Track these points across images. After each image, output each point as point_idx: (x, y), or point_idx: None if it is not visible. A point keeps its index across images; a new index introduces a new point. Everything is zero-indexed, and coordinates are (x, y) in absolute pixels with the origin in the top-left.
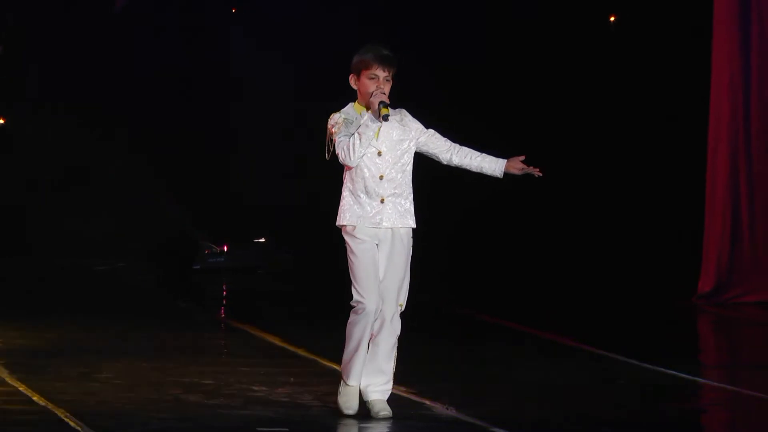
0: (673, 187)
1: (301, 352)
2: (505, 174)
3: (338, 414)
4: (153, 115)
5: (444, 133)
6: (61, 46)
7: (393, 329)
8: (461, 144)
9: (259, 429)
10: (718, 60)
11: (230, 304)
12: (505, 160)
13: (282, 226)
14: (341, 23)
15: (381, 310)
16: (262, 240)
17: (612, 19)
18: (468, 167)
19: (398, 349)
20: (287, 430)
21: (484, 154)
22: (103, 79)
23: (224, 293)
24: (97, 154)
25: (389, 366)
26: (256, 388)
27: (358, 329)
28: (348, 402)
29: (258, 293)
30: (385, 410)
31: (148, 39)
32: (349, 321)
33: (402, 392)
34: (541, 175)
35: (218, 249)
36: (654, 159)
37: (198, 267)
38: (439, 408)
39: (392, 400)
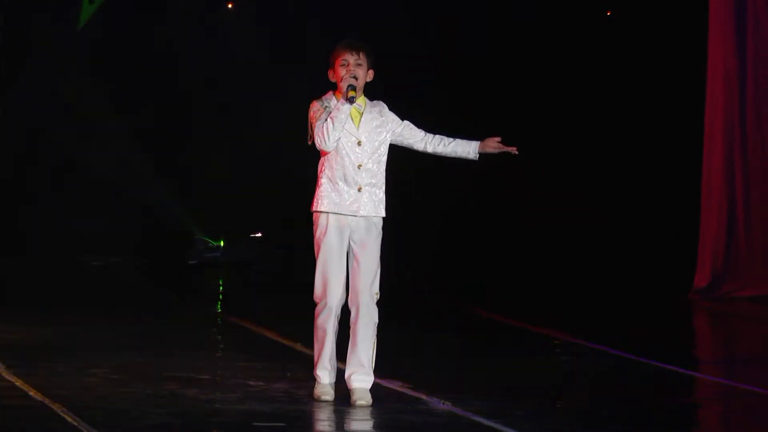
0: (668, 183)
1: (297, 347)
2: (482, 155)
3: (327, 406)
4: (148, 111)
5: (441, 129)
6: (54, 42)
7: (370, 317)
8: (435, 133)
9: (255, 424)
10: (714, 56)
11: (226, 299)
12: (479, 142)
13: (277, 221)
14: (341, 18)
15: (357, 299)
16: (258, 235)
17: (608, 14)
18: (442, 153)
19: (392, 342)
20: (284, 424)
21: (457, 139)
22: (97, 75)
23: (220, 288)
24: (91, 149)
25: (368, 354)
26: (252, 383)
27: (325, 325)
28: (324, 395)
29: (254, 288)
30: (363, 399)
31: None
32: (315, 323)
33: (398, 387)
34: (517, 153)
35: (214, 244)
36: (650, 155)
37: (194, 262)
38: (434, 402)
39: (388, 394)
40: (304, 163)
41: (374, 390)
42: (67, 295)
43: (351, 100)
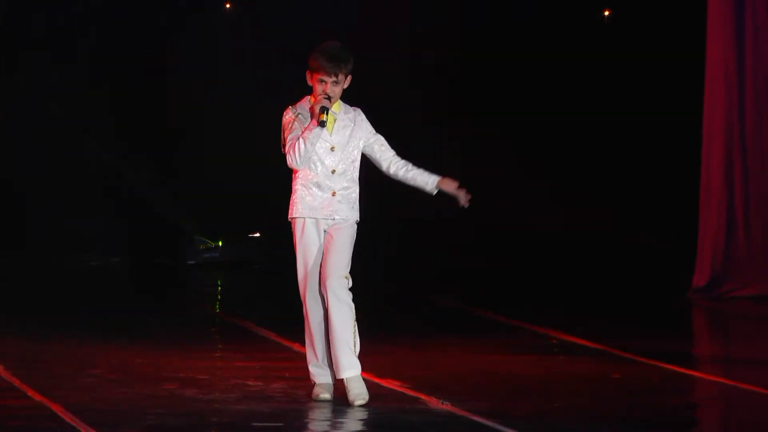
0: (668, 182)
1: (295, 347)
2: (440, 191)
3: (326, 406)
4: (147, 110)
5: (443, 130)
6: (53, 41)
7: (342, 299)
8: (401, 157)
9: (254, 424)
10: (713, 54)
11: (225, 299)
12: (438, 177)
13: (275, 220)
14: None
15: (325, 282)
16: (257, 235)
17: (606, 13)
18: (402, 179)
19: (392, 342)
20: (282, 424)
21: (420, 169)
22: (97, 72)
23: (219, 288)
24: (90, 149)
25: (348, 337)
26: (251, 383)
27: (313, 323)
28: (321, 394)
29: (253, 288)
30: (361, 397)
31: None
32: (305, 324)
33: (397, 386)
34: (466, 206)
35: (213, 244)
36: (649, 154)
37: (193, 262)
38: (433, 402)
39: (387, 394)
40: None
41: (374, 390)
42: (66, 295)
43: (322, 124)
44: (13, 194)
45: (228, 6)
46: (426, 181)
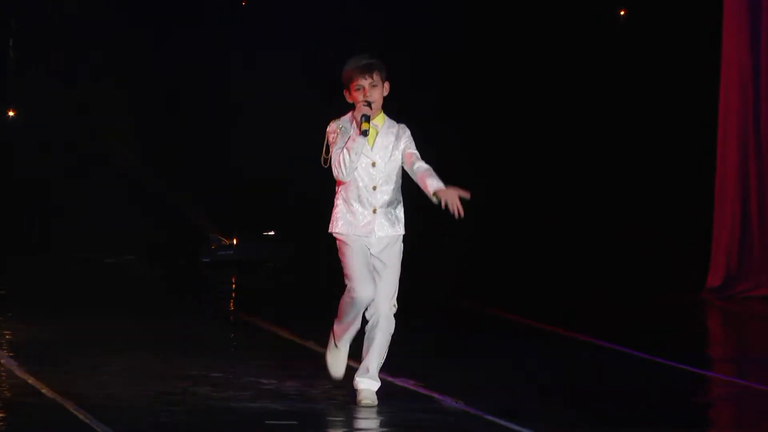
0: (682, 181)
1: (309, 345)
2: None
3: (330, 379)
4: (161, 109)
5: (454, 133)
6: (65, 41)
7: (388, 328)
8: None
9: (268, 422)
10: (728, 54)
11: (239, 297)
12: (442, 186)
13: (289, 219)
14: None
15: (377, 310)
16: (272, 233)
17: (622, 13)
18: (413, 176)
19: (406, 341)
20: (296, 422)
21: (429, 176)
22: (107, 70)
23: (233, 286)
24: (105, 147)
25: (378, 362)
26: (264, 381)
27: (351, 311)
28: (336, 364)
29: (267, 286)
30: (367, 399)
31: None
32: (342, 298)
33: (411, 385)
34: (461, 214)
35: (227, 242)
36: (664, 153)
37: (207, 260)
38: (447, 401)
39: (401, 392)
40: (316, 163)
41: (388, 388)
42: (80, 292)
43: (365, 134)
44: (27, 193)
45: (244, 3)
46: (429, 184)
